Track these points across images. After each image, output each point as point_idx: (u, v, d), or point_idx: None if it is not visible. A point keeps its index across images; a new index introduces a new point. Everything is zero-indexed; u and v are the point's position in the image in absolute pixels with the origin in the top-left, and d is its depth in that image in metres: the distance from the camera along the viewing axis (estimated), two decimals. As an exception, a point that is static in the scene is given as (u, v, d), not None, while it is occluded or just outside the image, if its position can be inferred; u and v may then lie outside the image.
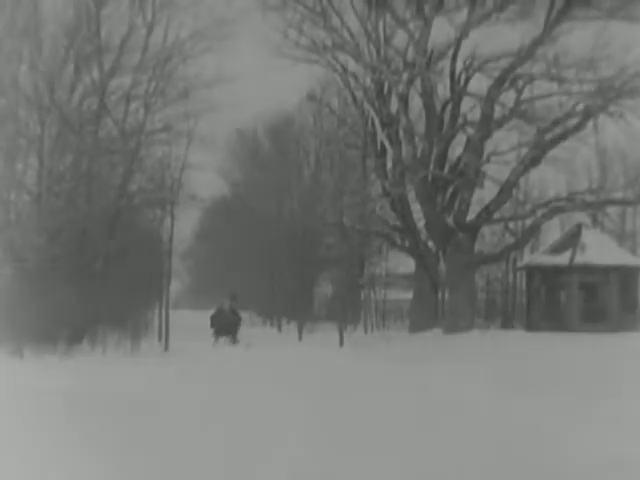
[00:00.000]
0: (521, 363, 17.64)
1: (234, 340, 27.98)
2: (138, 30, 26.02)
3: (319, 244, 39.65)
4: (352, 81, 32.25)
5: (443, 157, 31.10)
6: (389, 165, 32.52)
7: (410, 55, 30.44)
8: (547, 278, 30.91)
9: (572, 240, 30.05)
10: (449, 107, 30.94)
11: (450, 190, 31.10)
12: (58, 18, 23.89)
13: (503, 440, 8.69)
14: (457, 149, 31.77)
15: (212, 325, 28.61)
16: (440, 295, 33.06)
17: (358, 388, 13.58)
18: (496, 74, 29.79)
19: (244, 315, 31.42)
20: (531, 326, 30.03)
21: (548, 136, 29.67)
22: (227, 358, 22.41)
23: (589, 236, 30.18)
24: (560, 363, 17.27)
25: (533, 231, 33.35)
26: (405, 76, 30.56)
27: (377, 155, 32.63)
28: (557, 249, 30.29)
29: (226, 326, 28.32)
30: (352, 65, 31.58)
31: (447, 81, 30.92)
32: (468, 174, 29.92)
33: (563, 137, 29.68)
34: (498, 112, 30.34)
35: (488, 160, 30.67)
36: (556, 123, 29.45)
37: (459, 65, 30.41)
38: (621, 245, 34.00)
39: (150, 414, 10.52)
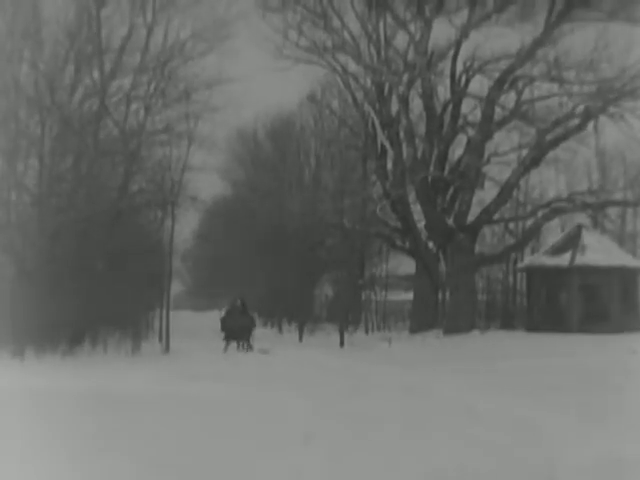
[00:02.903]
0: (521, 364, 17.63)
1: (248, 346, 25.54)
2: (138, 31, 26.01)
3: (320, 245, 39.62)
4: (352, 82, 32.31)
5: (443, 158, 31.16)
6: (389, 166, 32.58)
7: (410, 56, 30.53)
8: (547, 279, 30.92)
9: (572, 241, 30.09)
10: (449, 108, 31.01)
11: (450, 191, 31.15)
12: (59, 19, 23.88)
13: (503, 441, 8.69)
14: (457, 150, 31.93)
15: (223, 328, 26.12)
16: (440, 296, 33.05)
17: (358, 389, 13.58)
18: (496, 75, 29.89)
19: None
20: (531, 327, 30.02)
21: (548, 137, 29.76)
22: (225, 358, 22.44)
23: (589, 237, 30.22)
24: (560, 364, 17.25)
25: (533, 232, 33.40)
26: (405, 77, 30.63)
27: (377, 156, 32.67)
28: (557, 250, 30.32)
29: (238, 330, 25.81)
30: (352, 66, 31.69)
31: (447, 82, 31.07)
32: (468, 175, 29.98)
33: (563, 138, 29.78)
34: (498, 113, 30.46)
35: (488, 161, 30.76)
36: (556, 124, 29.53)
37: (459, 66, 30.61)
38: (621, 246, 33.99)
39: (151, 414, 10.52)
